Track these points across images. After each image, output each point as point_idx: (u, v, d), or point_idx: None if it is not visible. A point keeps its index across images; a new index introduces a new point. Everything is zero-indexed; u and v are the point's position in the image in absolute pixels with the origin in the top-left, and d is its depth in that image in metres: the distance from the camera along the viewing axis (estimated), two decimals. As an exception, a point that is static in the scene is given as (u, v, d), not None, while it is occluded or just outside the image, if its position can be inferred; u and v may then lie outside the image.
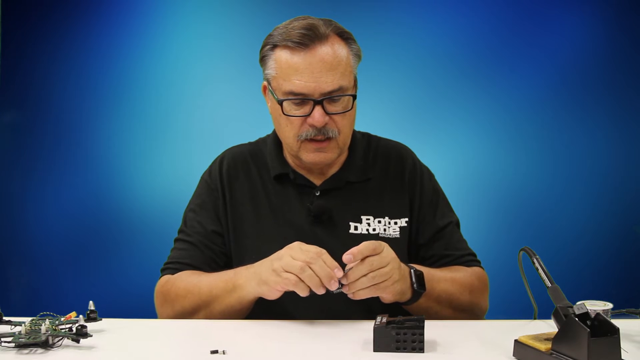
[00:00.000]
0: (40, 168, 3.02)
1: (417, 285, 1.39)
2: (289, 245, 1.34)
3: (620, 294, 2.82)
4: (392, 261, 1.33)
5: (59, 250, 3.01)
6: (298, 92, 1.45)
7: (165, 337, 1.34)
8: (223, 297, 1.42)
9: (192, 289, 1.46)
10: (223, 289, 1.42)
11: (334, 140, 1.49)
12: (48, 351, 1.16)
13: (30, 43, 3.01)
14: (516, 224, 2.94)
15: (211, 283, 1.45)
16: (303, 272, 1.28)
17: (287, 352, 1.21)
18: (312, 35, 1.44)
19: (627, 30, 2.95)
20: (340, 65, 1.45)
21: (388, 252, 1.34)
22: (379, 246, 1.32)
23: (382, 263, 1.31)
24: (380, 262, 1.31)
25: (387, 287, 1.32)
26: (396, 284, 1.34)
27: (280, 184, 1.59)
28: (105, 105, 3.01)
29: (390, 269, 1.32)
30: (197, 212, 1.61)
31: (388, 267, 1.31)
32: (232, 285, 1.41)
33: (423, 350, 1.15)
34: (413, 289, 1.39)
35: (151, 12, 3.02)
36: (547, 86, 2.95)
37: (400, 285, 1.36)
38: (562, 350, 1.05)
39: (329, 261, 1.30)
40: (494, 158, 2.96)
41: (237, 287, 1.40)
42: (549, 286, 1.16)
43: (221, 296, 1.42)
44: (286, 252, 1.33)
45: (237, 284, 1.40)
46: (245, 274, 1.40)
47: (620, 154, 2.95)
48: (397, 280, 1.34)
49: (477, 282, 1.54)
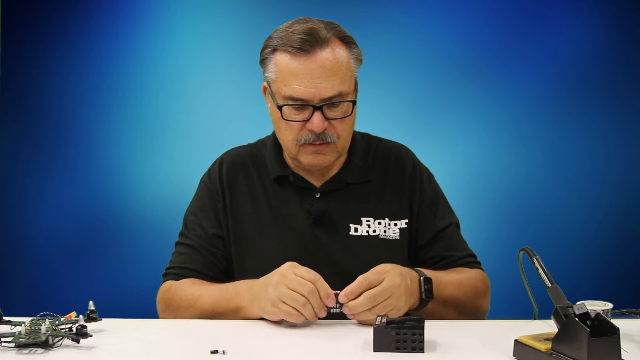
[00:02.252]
0: (40, 168, 3.03)
1: (425, 295, 1.38)
2: (281, 272, 1.32)
3: (620, 294, 2.82)
4: (396, 290, 1.31)
5: (59, 250, 3.01)
6: (297, 97, 1.44)
7: (165, 337, 1.34)
8: (226, 315, 1.42)
9: (194, 303, 1.46)
10: (225, 308, 1.42)
11: (332, 145, 1.49)
12: (48, 351, 1.16)
13: (30, 43, 3.02)
14: (516, 224, 2.94)
15: (213, 301, 1.43)
16: (304, 308, 1.28)
17: (287, 352, 1.20)
18: (313, 41, 1.43)
19: (627, 30, 2.95)
20: (341, 71, 1.45)
21: (390, 282, 1.31)
22: (379, 277, 1.31)
23: (385, 295, 1.29)
24: (383, 294, 1.29)
25: (393, 314, 1.31)
26: (403, 308, 1.33)
27: (280, 185, 1.59)
28: (105, 105, 3.02)
29: (395, 299, 1.30)
30: (198, 215, 1.60)
31: (392, 299, 1.30)
32: (234, 306, 1.40)
33: (423, 350, 1.15)
34: (421, 298, 1.39)
35: (151, 12, 3.02)
36: (547, 86, 2.95)
37: (407, 306, 1.35)
38: (562, 350, 1.05)
39: (323, 290, 1.29)
40: (494, 158, 2.97)
41: (241, 309, 1.39)
42: (549, 286, 1.16)
43: (224, 314, 1.42)
44: (280, 280, 1.30)
45: (240, 306, 1.39)
46: (247, 297, 1.38)
47: (620, 154, 2.96)
48: (403, 305, 1.33)
49: (481, 285, 1.54)
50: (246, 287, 1.40)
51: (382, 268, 1.33)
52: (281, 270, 1.32)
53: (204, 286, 1.49)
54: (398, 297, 1.31)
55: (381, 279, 1.31)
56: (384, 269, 1.33)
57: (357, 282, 1.30)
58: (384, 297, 1.29)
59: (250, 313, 1.38)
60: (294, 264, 1.33)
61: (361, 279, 1.30)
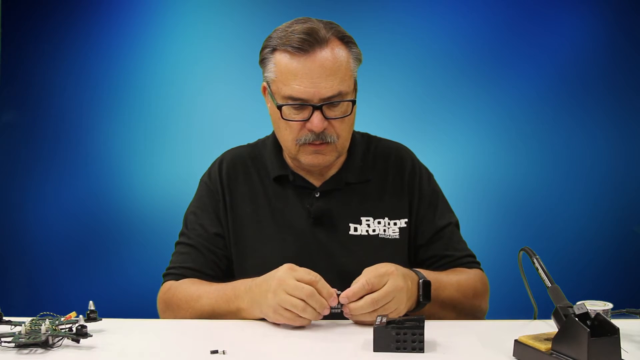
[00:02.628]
0: (40, 168, 3.02)
1: (422, 297, 1.38)
2: (279, 277, 1.30)
3: (620, 294, 2.82)
4: (398, 293, 1.31)
5: (59, 250, 3.01)
6: (297, 97, 1.44)
7: (165, 337, 1.34)
8: (226, 315, 1.42)
9: (194, 303, 1.45)
10: (225, 309, 1.41)
11: (332, 144, 1.49)
12: (48, 351, 1.16)
13: (30, 43, 3.01)
14: (516, 224, 2.94)
15: (213, 302, 1.43)
16: (304, 311, 1.28)
17: (287, 352, 1.20)
18: (312, 40, 1.43)
19: (627, 30, 2.95)
20: (340, 71, 1.45)
21: (393, 285, 1.30)
22: (381, 280, 1.30)
23: (387, 299, 1.29)
24: (385, 299, 1.29)
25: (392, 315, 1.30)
26: (403, 311, 1.33)
27: (280, 185, 1.59)
28: (105, 105, 3.01)
29: (396, 302, 1.30)
30: (198, 214, 1.60)
31: (393, 302, 1.30)
32: (235, 308, 1.40)
33: (423, 350, 1.15)
34: (418, 300, 1.38)
35: (151, 12, 3.02)
36: (547, 86, 2.95)
37: (406, 308, 1.35)
38: (562, 350, 1.05)
39: (325, 290, 1.29)
40: (494, 158, 2.96)
41: (242, 311, 1.39)
42: (549, 286, 1.16)
43: (224, 315, 1.42)
44: (279, 286, 1.29)
45: (241, 308, 1.39)
46: (247, 300, 1.37)
47: (620, 154, 2.95)
48: (403, 307, 1.33)
49: (480, 286, 1.54)
50: (245, 289, 1.39)
51: (385, 270, 1.32)
52: (279, 275, 1.31)
53: (204, 287, 1.49)
54: (399, 300, 1.31)
55: (384, 282, 1.30)
56: (387, 271, 1.32)
57: (359, 285, 1.30)
58: (385, 301, 1.29)
59: (251, 315, 1.38)
60: (291, 267, 1.32)
61: (364, 281, 1.30)
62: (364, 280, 1.30)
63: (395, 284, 1.31)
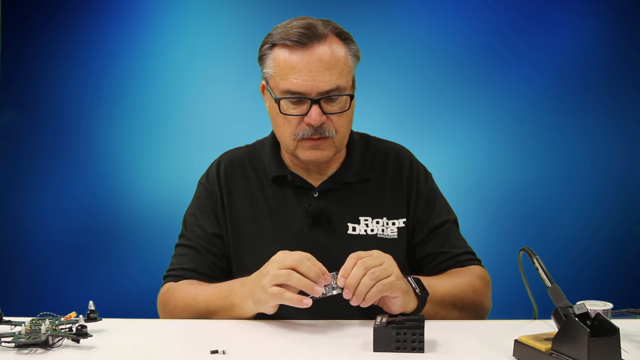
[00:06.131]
0: (40, 168, 3.02)
1: (420, 290, 1.36)
2: (271, 259, 1.32)
3: (620, 294, 2.82)
4: (388, 259, 1.32)
5: (59, 250, 3.01)
6: (295, 90, 1.45)
7: (165, 337, 1.34)
8: (222, 313, 1.42)
9: (190, 302, 1.46)
10: (221, 306, 1.42)
11: (330, 139, 1.49)
12: (48, 351, 1.16)
13: (30, 43, 3.01)
14: (516, 224, 2.94)
15: (208, 299, 1.43)
16: (290, 278, 1.27)
17: (287, 352, 1.21)
18: (311, 35, 1.44)
19: (627, 30, 2.95)
20: (338, 65, 1.45)
21: (380, 253, 1.33)
22: (367, 253, 1.32)
23: (376, 262, 1.29)
24: (374, 261, 1.29)
25: (393, 284, 1.28)
26: (400, 280, 1.31)
27: (278, 185, 1.59)
28: (105, 105, 3.01)
29: (388, 265, 1.30)
30: (197, 216, 1.61)
31: (385, 264, 1.30)
32: (229, 304, 1.40)
33: (423, 350, 1.15)
34: (417, 295, 1.36)
35: (151, 12, 3.02)
36: (547, 86, 2.95)
37: (405, 285, 1.32)
38: (562, 350, 1.05)
39: (316, 262, 1.30)
40: (494, 158, 2.96)
41: (235, 306, 1.39)
42: (549, 286, 1.16)
43: (220, 312, 1.42)
44: (270, 266, 1.31)
45: (235, 303, 1.39)
46: (241, 294, 1.38)
47: (620, 154, 2.95)
48: (399, 277, 1.31)
49: (479, 282, 1.53)
50: (239, 285, 1.40)
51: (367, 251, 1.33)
52: (271, 259, 1.33)
53: (201, 286, 1.49)
54: (390, 265, 1.31)
55: (370, 252, 1.32)
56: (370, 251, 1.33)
57: (347, 259, 1.30)
58: (375, 263, 1.29)
59: (244, 309, 1.38)
60: (284, 251, 1.33)
61: (351, 255, 1.31)
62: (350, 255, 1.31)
63: (382, 253, 1.32)
